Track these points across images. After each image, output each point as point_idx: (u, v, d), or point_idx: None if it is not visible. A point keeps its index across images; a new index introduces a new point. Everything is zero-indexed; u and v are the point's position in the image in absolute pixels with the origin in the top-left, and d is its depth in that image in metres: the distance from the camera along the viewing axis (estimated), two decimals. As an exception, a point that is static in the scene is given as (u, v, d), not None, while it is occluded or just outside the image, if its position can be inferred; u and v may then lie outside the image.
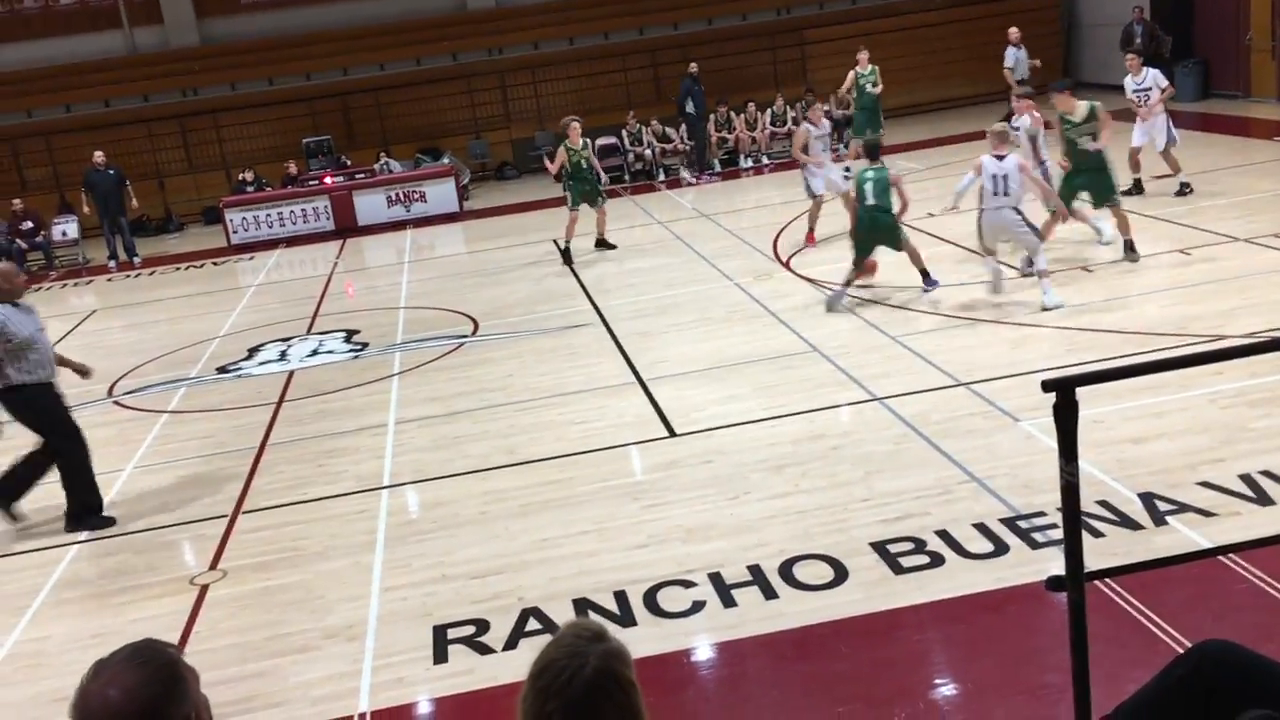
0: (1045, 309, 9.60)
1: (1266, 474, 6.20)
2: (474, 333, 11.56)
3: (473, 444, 8.35)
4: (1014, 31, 18.04)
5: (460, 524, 7.04)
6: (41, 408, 7.65)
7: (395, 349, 11.33)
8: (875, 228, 10.53)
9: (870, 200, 10.46)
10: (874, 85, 17.10)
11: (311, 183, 19.54)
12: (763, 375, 9.07)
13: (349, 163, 20.86)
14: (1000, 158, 9.87)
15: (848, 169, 17.22)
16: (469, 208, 19.45)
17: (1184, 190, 13.16)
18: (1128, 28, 20.07)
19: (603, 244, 14.59)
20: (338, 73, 23.36)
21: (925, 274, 10.53)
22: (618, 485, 7.32)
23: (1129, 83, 13.63)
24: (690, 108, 19.82)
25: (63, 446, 7.73)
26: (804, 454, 7.37)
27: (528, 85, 23.36)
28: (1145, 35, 19.67)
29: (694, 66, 20.02)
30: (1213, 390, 7.32)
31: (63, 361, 8.03)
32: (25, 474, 7.85)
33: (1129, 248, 10.73)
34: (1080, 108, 10.80)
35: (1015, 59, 17.84)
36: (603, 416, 8.63)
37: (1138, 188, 13.48)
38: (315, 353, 11.65)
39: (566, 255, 14.11)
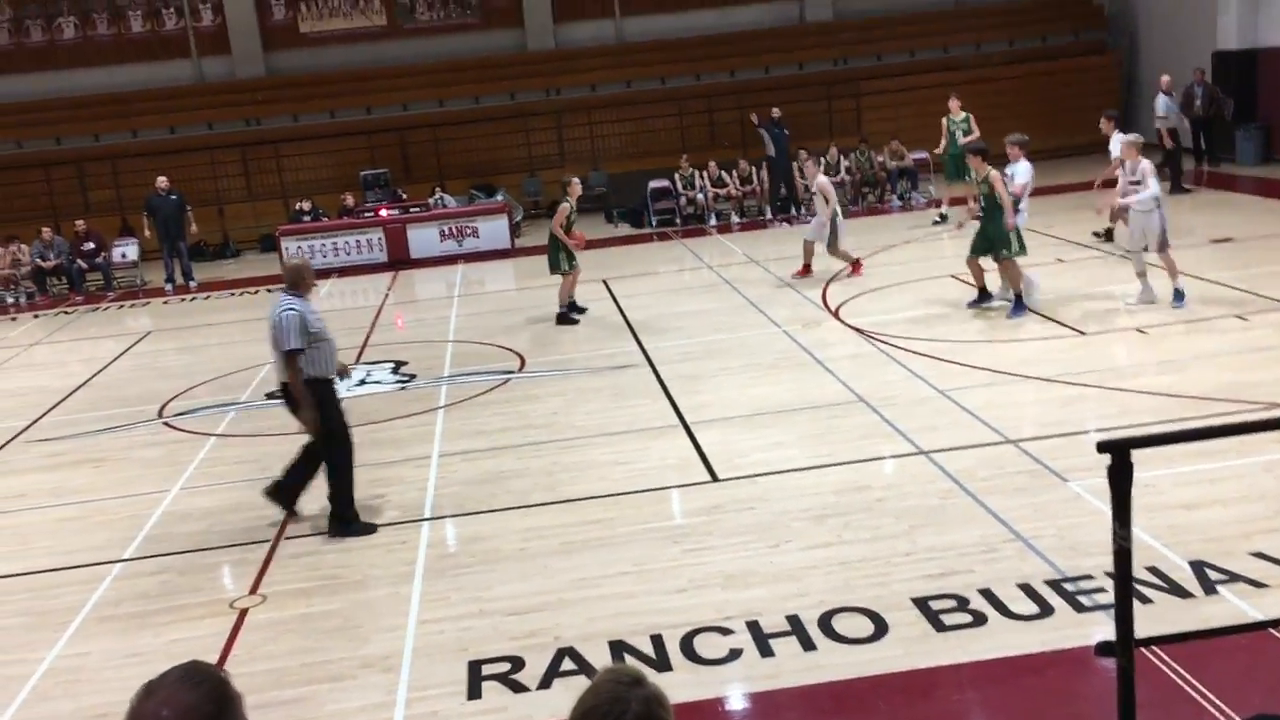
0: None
1: (1323, 547, 6.06)
2: (521, 369, 11.61)
3: (515, 480, 8.37)
4: (1166, 79, 18.13)
5: (500, 559, 7.04)
6: (322, 404, 7.65)
7: (442, 382, 11.40)
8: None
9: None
10: (965, 133, 17.07)
11: (367, 214, 19.81)
12: (808, 424, 9.02)
13: (404, 196, 21.14)
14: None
15: (943, 215, 17.27)
16: (520, 245, 19.61)
17: (1105, 234, 14.36)
18: (1188, 89, 19.94)
19: (572, 309, 13.64)
20: (397, 108, 23.76)
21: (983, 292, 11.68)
22: (659, 528, 7.29)
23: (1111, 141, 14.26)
24: (771, 150, 19.91)
25: (333, 446, 7.70)
26: (847, 505, 7.31)
27: (584, 126, 23.61)
28: (1206, 97, 19.55)
29: (777, 111, 20.09)
30: (1269, 459, 7.18)
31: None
32: (299, 475, 7.89)
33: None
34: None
35: (1166, 107, 17.92)
36: (646, 458, 8.62)
37: (1109, 236, 14.26)
38: (363, 382, 11.74)
39: (573, 310, 13.50)
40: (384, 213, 19.71)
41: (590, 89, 24.06)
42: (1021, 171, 12.14)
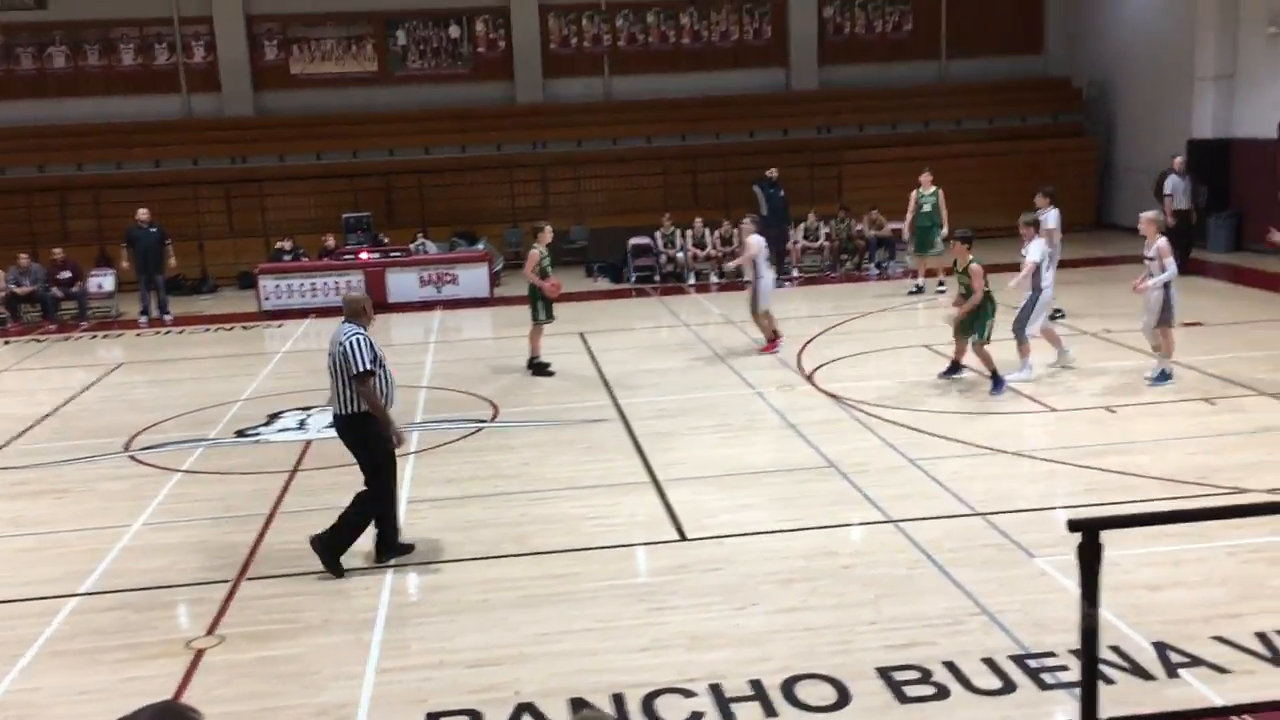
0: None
1: (1284, 634, 6.10)
2: (494, 418, 11.58)
3: (483, 529, 8.32)
4: (1179, 160, 18.50)
5: (463, 610, 6.98)
6: (378, 435, 7.67)
7: (414, 428, 11.34)
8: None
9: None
10: (933, 207, 17.40)
11: (347, 256, 19.81)
12: (778, 487, 9.03)
13: (386, 240, 21.17)
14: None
15: (919, 286, 17.46)
16: (500, 294, 19.65)
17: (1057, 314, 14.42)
18: (1162, 175, 20.31)
19: (539, 367, 13.45)
20: (384, 153, 23.90)
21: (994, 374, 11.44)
22: (625, 585, 7.26)
23: (1046, 216, 14.57)
24: (764, 210, 20.12)
25: (389, 473, 7.76)
26: (814, 570, 7.30)
27: (568, 180, 23.80)
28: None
29: (773, 171, 20.31)
30: (1232, 544, 7.24)
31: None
32: (356, 521, 7.78)
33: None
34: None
35: (1174, 186, 18.24)
36: (615, 513, 8.59)
37: (1057, 312, 14.35)
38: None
39: (540, 368, 13.40)
40: (364, 256, 19.72)
41: (576, 144, 24.29)
42: (1033, 250, 12.05)
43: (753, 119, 24.71)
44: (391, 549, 7.77)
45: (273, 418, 12.02)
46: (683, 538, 8.03)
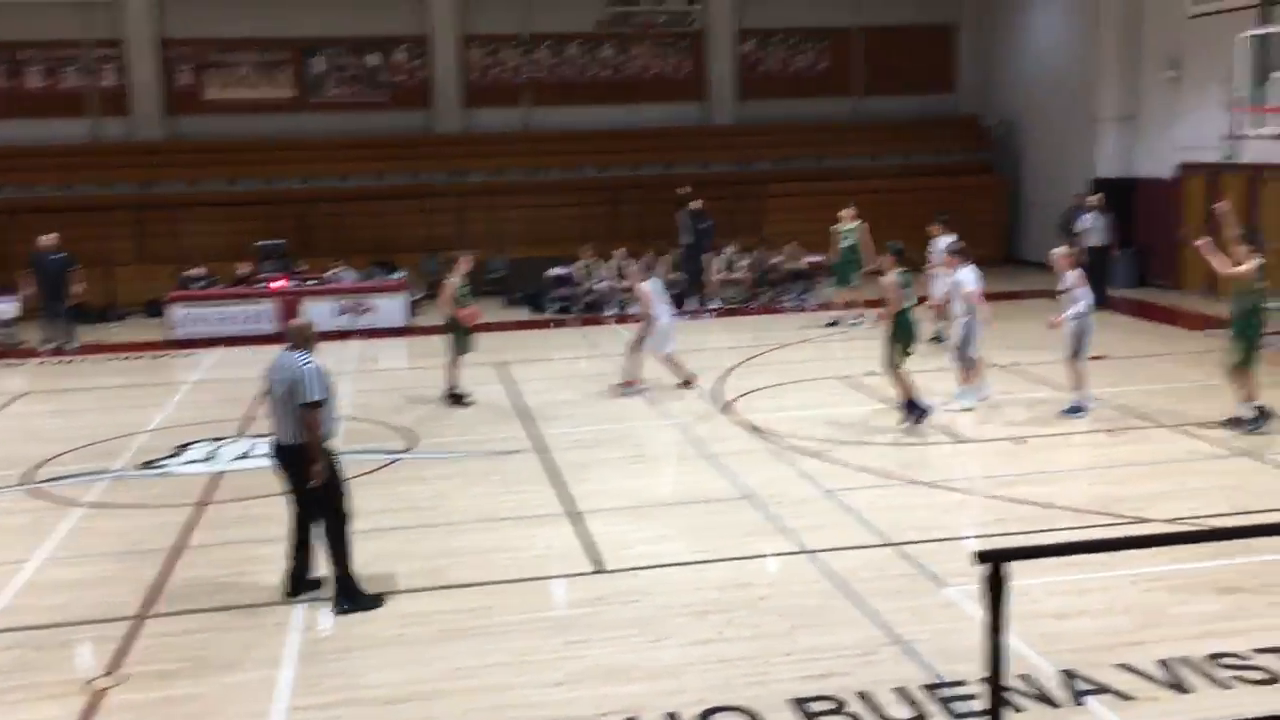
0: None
1: (1184, 661, 6.26)
2: (409, 450, 11.45)
3: (396, 563, 8.19)
4: (1093, 198, 19.04)
5: (376, 645, 6.86)
6: (332, 469, 7.46)
7: (327, 459, 11.15)
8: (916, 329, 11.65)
9: (912, 302, 11.53)
10: (851, 241, 17.67)
11: (261, 284, 19.49)
12: (695, 518, 9.05)
13: (301, 268, 20.86)
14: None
15: (834, 320, 17.67)
16: (417, 324, 19.48)
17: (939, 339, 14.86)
18: (1068, 212, 20.92)
19: (455, 397, 13.32)
20: (299, 180, 23.59)
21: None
22: (540, 618, 7.21)
23: (936, 244, 15.42)
24: (688, 239, 20.24)
25: (339, 512, 7.50)
26: (730, 601, 7.32)
27: (486, 210, 23.73)
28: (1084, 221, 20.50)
29: (697, 202, 20.41)
30: (1134, 572, 7.42)
31: None
32: (305, 557, 7.62)
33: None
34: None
35: (1090, 223, 18.77)
36: (531, 546, 8.54)
37: (938, 338, 14.83)
38: (245, 456, 11.43)
39: (454, 398, 13.29)
40: (279, 284, 19.42)
41: (496, 174, 24.26)
42: (969, 280, 12.21)
43: (672, 151, 24.93)
44: (354, 597, 7.43)
45: (181, 449, 11.74)
46: (599, 570, 8.00)
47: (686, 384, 13.62)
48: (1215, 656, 6.29)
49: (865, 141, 25.60)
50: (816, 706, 5.93)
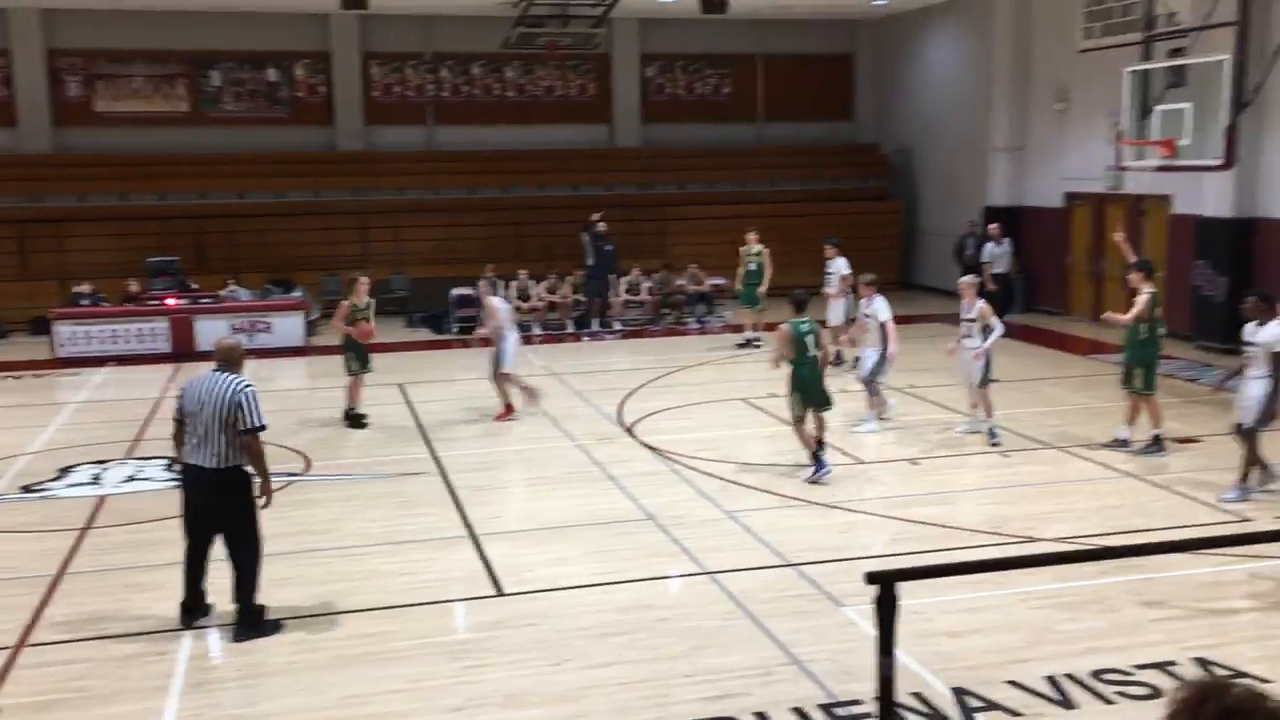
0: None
1: (1070, 677, 6.42)
2: (305, 471, 11.21)
3: (288, 589, 7.98)
4: (994, 227, 19.41)
5: (266, 674, 6.68)
6: (249, 493, 7.20)
7: (219, 482, 10.86)
8: (821, 379, 10.56)
9: (814, 352, 10.51)
10: (758, 266, 17.91)
11: (152, 302, 18.96)
12: (596, 539, 9.02)
13: (195, 286, 20.34)
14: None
15: (757, 340, 17.79)
16: (315, 343, 19.14)
17: (838, 360, 14.97)
18: (960, 239, 21.49)
19: (354, 418, 13.16)
20: (194, 195, 23.05)
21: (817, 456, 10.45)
22: (438, 643, 7.09)
23: (831, 266, 16.01)
24: (591, 260, 20.23)
25: (255, 540, 7.23)
26: (630, 623, 7.30)
27: (389, 229, 23.45)
28: (976, 247, 21.08)
29: (602, 225, 20.45)
30: (1025, 591, 7.60)
31: None
32: (200, 582, 7.31)
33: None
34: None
35: (991, 253, 19.22)
36: (430, 569, 8.41)
37: (839, 359, 15.13)
38: (132, 479, 11.08)
39: (353, 419, 13.11)
40: (171, 301, 18.91)
41: (398, 192, 24.01)
42: (882, 310, 12.28)
43: (577, 173, 24.98)
44: (259, 624, 7.20)
45: (64, 472, 11.32)
46: (499, 593, 7.92)
47: (508, 410, 13.22)
48: (1099, 673, 6.47)
49: (766, 166, 25.98)
50: (715, 728, 5.93)
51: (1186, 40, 15.68)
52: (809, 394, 10.46)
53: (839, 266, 16.13)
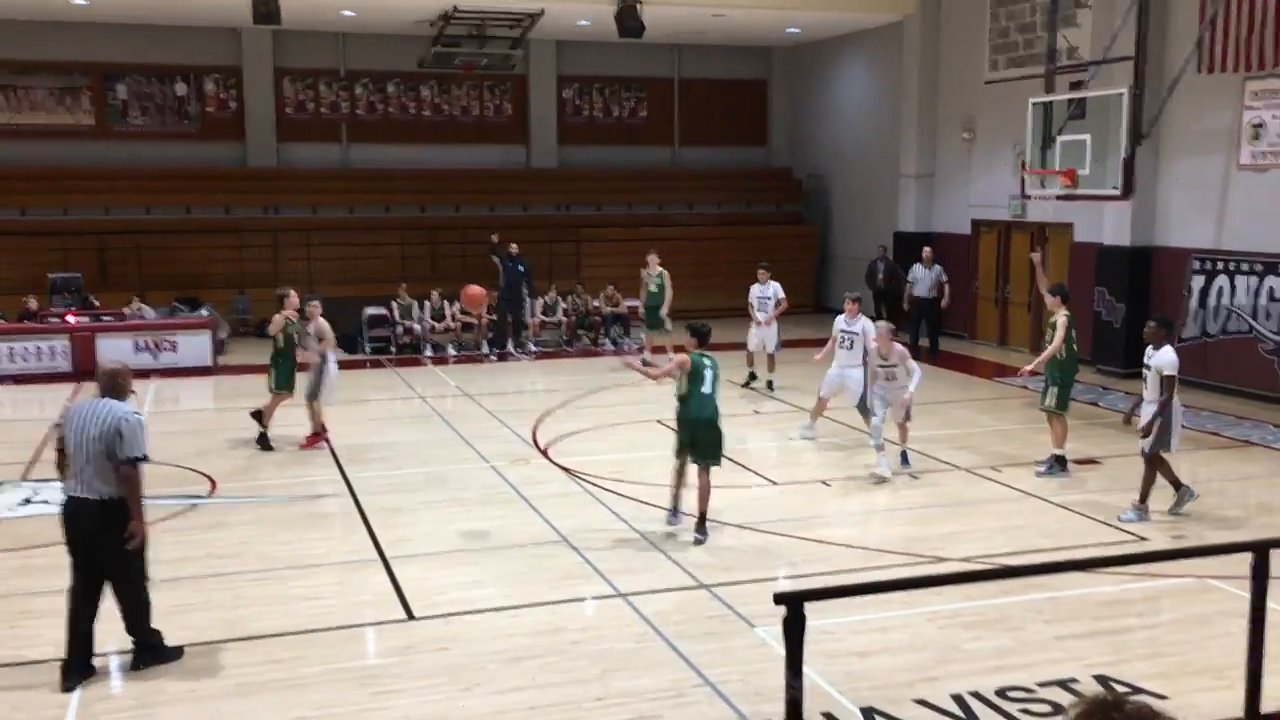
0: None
1: (975, 695, 6.53)
2: (211, 493, 10.96)
3: (193, 614, 7.79)
4: (927, 251, 19.71)
5: (165, 702, 6.49)
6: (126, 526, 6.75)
7: (120, 505, 10.56)
8: (712, 424, 9.37)
9: (707, 389, 9.36)
10: (659, 288, 17.97)
11: (53, 320, 18.40)
12: (509, 562, 8.96)
13: (97, 303, 19.81)
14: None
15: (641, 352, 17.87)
16: (224, 363, 18.74)
17: (770, 386, 15.81)
18: (872, 264, 21.87)
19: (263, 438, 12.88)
20: (98, 210, 22.45)
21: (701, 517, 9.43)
22: (346, 668, 6.96)
23: (756, 290, 16.09)
24: (502, 282, 20.12)
25: (140, 565, 6.89)
26: (542, 647, 7.25)
27: (301, 247, 23.10)
28: (887, 271, 21.47)
29: (514, 247, 20.36)
30: (932, 610, 7.73)
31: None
32: (88, 625, 6.85)
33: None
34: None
35: (916, 275, 19.49)
36: (340, 593, 8.27)
37: (752, 378, 15.89)
38: (28, 501, 10.72)
39: (264, 440, 12.83)
40: (72, 319, 18.38)
41: (311, 210, 23.67)
42: (871, 329, 12.24)
43: (493, 193, 24.90)
44: (157, 651, 6.94)
45: (-45, 495, 10.90)
46: (410, 617, 7.81)
47: (316, 436, 12.82)
48: (1004, 690, 6.59)
49: (682, 190, 26.20)
50: (627, 751, 5.91)
51: (1087, 74, 16.22)
52: (694, 438, 9.31)
53: (773, 290, 16.11)
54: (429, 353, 20.06)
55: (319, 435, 12.91)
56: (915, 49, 22.11)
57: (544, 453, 12.63)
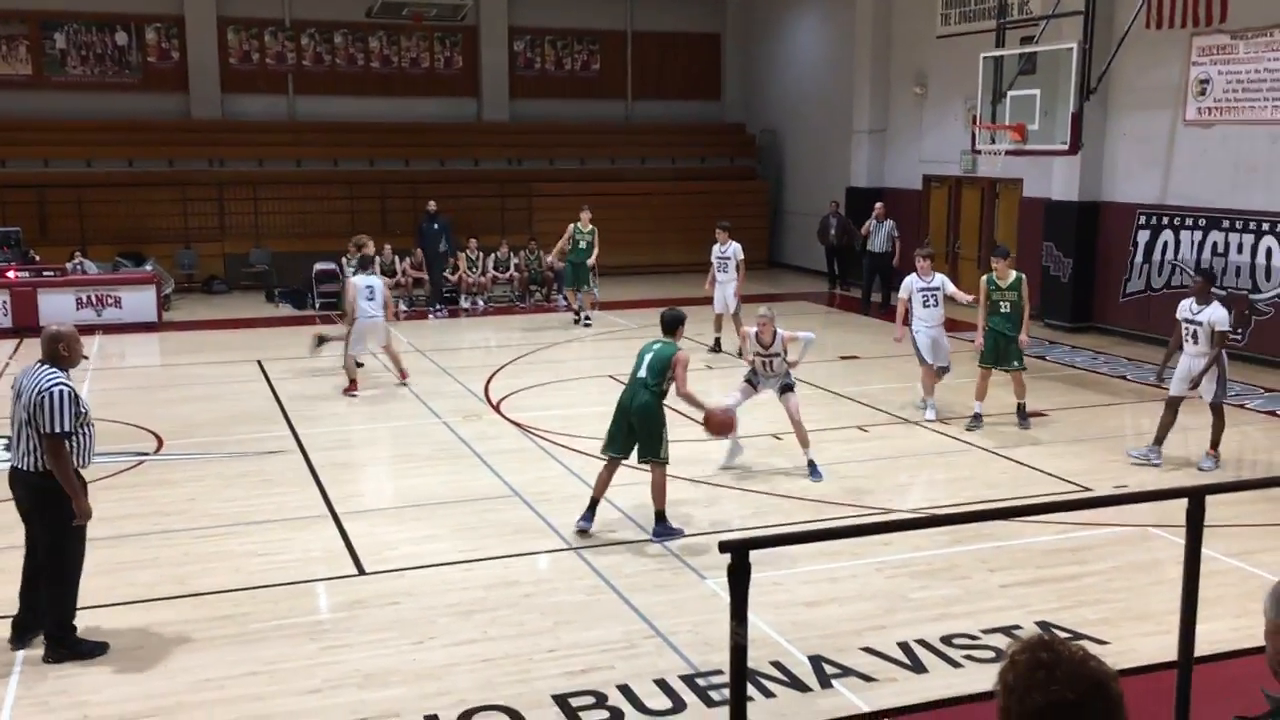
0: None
1: (921, 643, 6.65)
2: (157, 450, 10.84)
3: (139, 571, 7.73)
4: (879, 207, 19.70)
5: (112, 659, 6.43)
6: (62, 503, 6.37)
7: (64, 462, 10.40)
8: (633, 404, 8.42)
9: (641, 372, 8.47)
10: (589, 245, 17.79)
11: (-9, 275, 18.01)
12: (462, 517, 8.95)
13: (37, 258, 19.41)
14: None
15: (588, 318, 17.76)
16: (169, 319, 18.47)
17: (717, 345, 15.76)
18: (824, 219, 21.94)
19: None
20: (38, 163, 21.92)
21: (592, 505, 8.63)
22: (296, 624, 6.94)
23: (716, 250, 15.86)
24: (421, 241, 19.86)
25: (73, 551, 6.48)
26: (495, 600, 7.27)
27: (248, 200, 22.73)
28: (839, 227, 21.56)
29: (432, 204, 20.12)
30: (880, 560, 7.84)
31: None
32: (33, 599, 6.57)
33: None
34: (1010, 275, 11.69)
35: (873, 229, 19.47)
36: (288, 549, 8.23)
37: (718, 346, 15.70)
38: (-32, 460, 10.52)
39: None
40: (12, 274, 18.00)
41: (257, 163, 23.27)
42: (947, 283, 12.32)
43: (444, 147, 24.61)
44: (71, 644, 6.50)
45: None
46: (361, 572, 7.79)
47: (353, 385, 13.28)
48: (949, 638, 6.71)
49: (635, 144, 26.04)
50: (578, 701, 5.96)
51: (1037, 28, 16.27)
52: (620, 428, 8.49)
53: (733, 251, 15.77)
54: (404, 307, 19.85)
55: (354, 384, 13.26)
56: (868, 3, 22.05)
57: (496, 408, 12.60)
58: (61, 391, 6.37)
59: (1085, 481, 9.80)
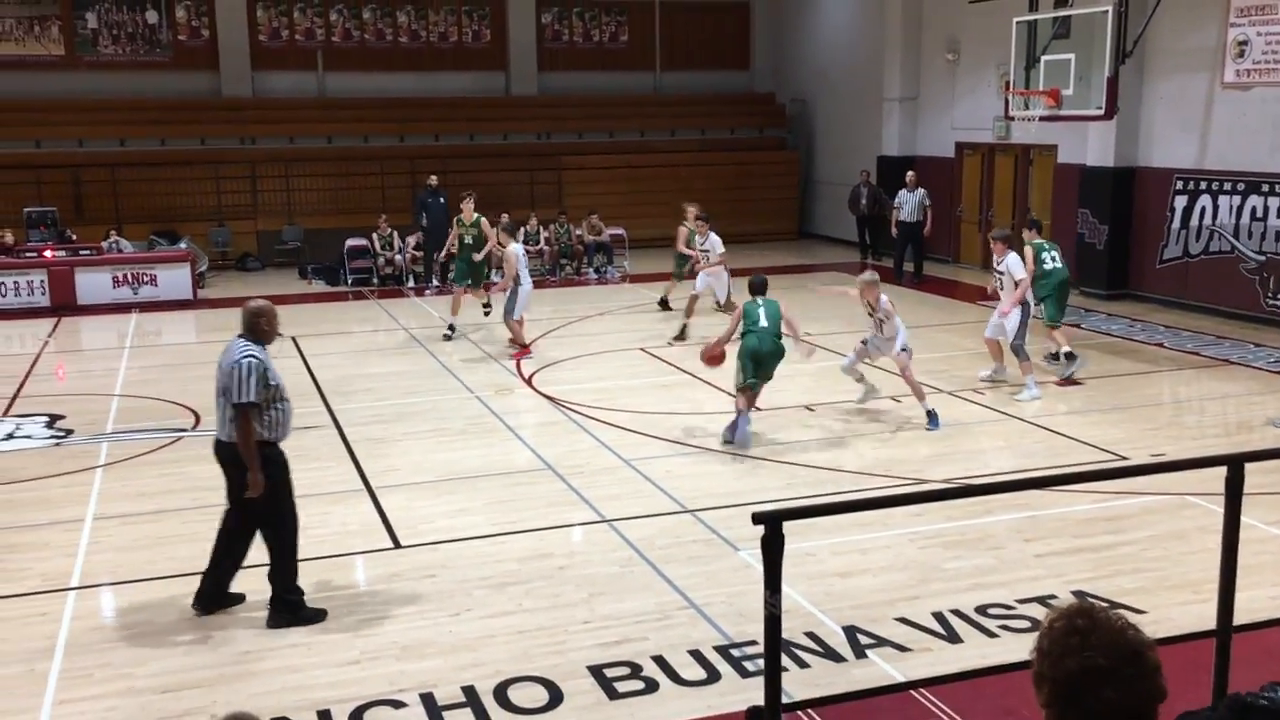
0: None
1: (956, 613, 6.63)
2: (195, 427, 10.95)
3: (180, 545, 7.83)
4: (910, 175, 19.39)
5: (155, 632, 6.54)
6: (274, 471, 6.60)
7: (103, 439, 10.56)
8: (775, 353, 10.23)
9: (764, 323, 10.16)
10: (476, 239, 15.36)
11: (29, 254, 18.22)
12: (495, 490, 9.01)
13: (74, 237, 19.61)
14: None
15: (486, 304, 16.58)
16: (204, 296, 18.63)
17: (665, 303, 16.45)
18: (855, 189, 21.78)
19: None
20: (73, 143, 22.12)
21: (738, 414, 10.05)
22: (334, 596, 7.02)
23: (697, 239, 15.50)
24: (424, 220, 19.53)
25: (283, 522, 6.70)
26: (529, 573, 7.32)
27: (280, 178, 22.83)
28: (870, 197, 21.40)
29: (434, 179, 19.81)
30: (913, 531, 7.82)
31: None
32: (229, 563, 6.78)
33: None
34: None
35: (902, 199, 19.16)
36: (325, 523, 8.30)
37: (665, 304, 16.37)
38: (10, 436, 10.71)
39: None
40: (49, 254, 18.20)
41: (289, 140, 23.35)
42: (1017, 266, 11.96)
43: (472, 122, 24.59)
44: (293, 611, 6.65)
45: (-63, 431, 10.87)
46: (397, 545, 7.87)
47: (525, 348, 13.89)
48: (983, 607, 6.69)
49: (664, 116, 25.91)
50: (613, 672, 6.00)
51: (1072, -8, 16.02)
52: (753, 367, 10.14)
53: (711, 244, 15.06)
54: (411, 284, 19.95)
55: (526, 348, 13.90)
56: (899, -31, 21.77)
57: (528, 382, 12.64)
58: (250, 363, 6.54)
59: (1122, 450, 9.72)
